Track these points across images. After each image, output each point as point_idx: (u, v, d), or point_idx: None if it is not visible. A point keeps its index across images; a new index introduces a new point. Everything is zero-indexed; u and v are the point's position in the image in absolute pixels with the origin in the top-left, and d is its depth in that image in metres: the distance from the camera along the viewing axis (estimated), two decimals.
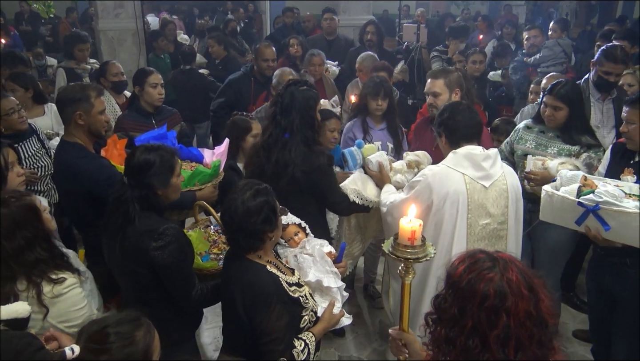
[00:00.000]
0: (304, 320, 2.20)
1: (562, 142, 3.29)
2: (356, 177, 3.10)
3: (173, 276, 2.28)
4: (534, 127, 3.44)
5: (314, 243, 2.49)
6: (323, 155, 2.93)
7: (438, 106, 3.31)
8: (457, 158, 2.62)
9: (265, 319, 2.03)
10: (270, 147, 2.86)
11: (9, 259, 2.00)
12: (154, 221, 2.28)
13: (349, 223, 3.29)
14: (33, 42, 9.96)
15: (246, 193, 2.10)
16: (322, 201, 2.99)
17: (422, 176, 2.67)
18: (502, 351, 1.35)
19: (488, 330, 1.36)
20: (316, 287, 2.35)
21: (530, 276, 1.41)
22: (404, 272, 1.84)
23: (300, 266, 2.38)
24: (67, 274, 2.13)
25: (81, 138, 2.90)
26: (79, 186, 2.83)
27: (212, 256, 2.64)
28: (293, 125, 2.82)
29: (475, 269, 1.40)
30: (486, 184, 2.59)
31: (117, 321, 1.59)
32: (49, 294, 2.05)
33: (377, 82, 3.74)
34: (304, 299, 2.20)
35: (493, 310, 1.35)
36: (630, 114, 2.77)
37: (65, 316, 2.11)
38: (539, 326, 1.38)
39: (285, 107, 2.84)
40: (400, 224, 1.82)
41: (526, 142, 3.42)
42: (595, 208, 2.52)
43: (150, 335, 1.62)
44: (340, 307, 2.37)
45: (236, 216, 2.07)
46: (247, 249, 2.14)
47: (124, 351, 1.53)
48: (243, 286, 2.09)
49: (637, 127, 2.74)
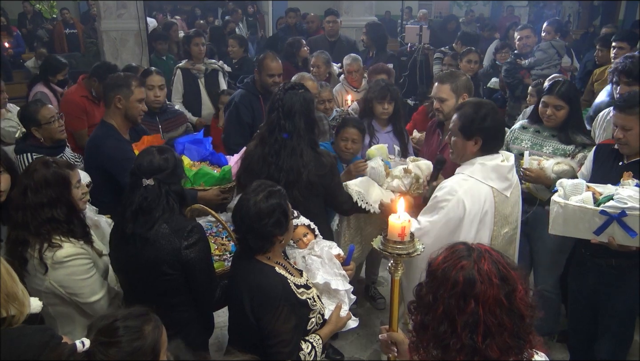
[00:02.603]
0: (311, 322, 2.20)
1: (558, 142, 3.28)
2: (363, 180, 3.08)
3: (202, 275, 2.28)
4: (530, 127, 3.43)
5: (323, 245, 2.47)
6: (330, 155, 2.93)
7: (444, 111, 3.29)
8: (485, 170, 2.48)
9: (273, 321, 2.02)
10: (277, 153, 2.78)
11: (28, 208, 2.26)
12: (180, 221, 2.27)
13: (348, 222, 3.28)
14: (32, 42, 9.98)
15: (259, 195, 2.09)
16: (330, 201, 2.97)
17: (450, 194, 2.46)
18: (470, 337, 1.39)
19: (457, 315, 1.40)
20: (324, 289, 2.34)
21: (505, 267, 1.44)
22: (393, 268, 1.85)
23: (309, 268, 2.37)
24: (73, 243, 2.31)
25: (117, 121, 3.20)
26: (97, 160, 3.13)
27: (215, 257, 2.64)
28: (299, 129, 2.76)
29: (451, 258, 1.46)
30: (508, 194, 2.54)
31: (125, 315, 1.61)
32: (49, 260, 2.25)
33: (383, 86, 3.69)
34: (311, 302, 2.19)
35: (462, 295, 1.40)
36: (626, 120, 2.71)
37: (65, 282, 2.30)
38: (511, 316, 1.40)
39: (287, 112, 2.76)
40: (389, 221, 1.83)
41: (522, 142, 3.42)
42: (621, 215, 2.44)
43: (158, 330, 1.64)
44: (347, 310, 2.37)
45: (247, 217, 2.07)
46: (256, 250, 2.13)
47: (133, 345, 1.56)
48: (251, 287, 2.08)
49: (634, 132, 2.70)
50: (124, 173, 2.84)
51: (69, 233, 2.32)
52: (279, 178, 2.70)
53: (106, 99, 3.21)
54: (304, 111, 2.77)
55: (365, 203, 3.01)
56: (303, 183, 2.74)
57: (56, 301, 2.36)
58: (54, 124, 3.40)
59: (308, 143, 2.79)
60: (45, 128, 3.37)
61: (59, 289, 2.30)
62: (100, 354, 1.51)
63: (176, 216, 2.28)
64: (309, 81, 3.87)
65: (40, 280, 2.28)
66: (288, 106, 2.76)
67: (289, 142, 2.76)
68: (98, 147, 3.15)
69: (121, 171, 2.94)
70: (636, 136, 2.71)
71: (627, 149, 2.78)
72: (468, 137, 2.51)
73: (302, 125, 2.76)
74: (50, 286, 2.28)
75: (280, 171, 2.74)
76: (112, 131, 3.18)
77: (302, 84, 2.97)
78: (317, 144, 2.89)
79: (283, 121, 2.76)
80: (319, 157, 2.81)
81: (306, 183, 2.75)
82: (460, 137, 2.54)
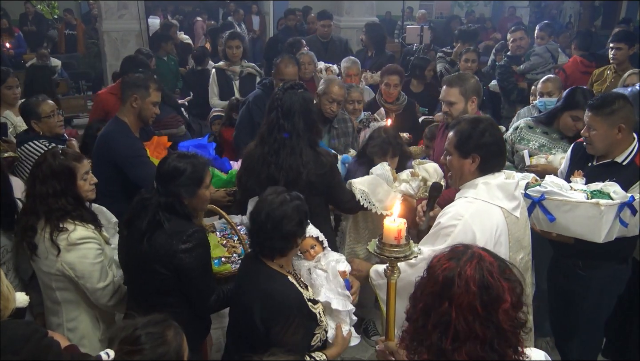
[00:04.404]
0: (316, 338, 2.16)
1: (568, 144, 3.23)
2: (369, 180, 3.04)
3: (196, 280, 2.27)
4: (536, 128, 3.39)
5: (330, 259, 2.41)
6: (329, 155, 2.92)
7: (453, 115, 3.17)
8: (491, 190, 2.24)
9: (283, 331, 2.00)
10: (277, 152, 2.78)
11: (36, 198, 2.36)
12: (182, 223, 2.27)
13: (355, 221, 3.26)
14: (39, 43, 9.98)
15: (281, 196, 2.12)
16: (332, 200, 2.97)
17: (455, 218, 2.20)
18: (439, 338, 1.40)
19: (432, 313, 1.42)
20: (325, 307, 2.28)
21: (493, 276, 1.40)
22: (389, 272, 1.84)
23: (313, 282, 2.32)
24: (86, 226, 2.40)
25: (130, 119, 3.27)
26: (108, 155, 3.18)
27: (223, 259, 2.66)
28: (298, 129, 2.77)
29: (444, 257, 1.48)
30: (518, 214, 2.30)
31: (145, 323, 1.62)
32: (63, 242, 2.33)
33: (383, 139, 3.27)
34: (319, 317, 2.17)
35: (438, 295, 1.42)
36: (592, 120, 2.72)
37: (76, 265, 2.37)
38: (486, 326, 1.37)
39: (287, 111, 2.77)
40: (385, 224, 1.80)
41: (529, 142, 3.38)
42: (540, 199, 2.52)
43: (180, 336, 1.66)
44: (349, 329, 2.33)
45: (272, 216, 2.07)
46: (279, 251, 2.12)
47: (158, 351, 1.57)
48: (263, 294, 2.05)
49: (598, 133, 2.71)
50: (134, 169, 3.14)
51: (78, 218, 2.40)
52: (279, 177, 2.71)
53: (123, 96, 3.31)
54: (303, 110, 2.78)
55: (369, 203, 2.98)
56: (303, 182, 2.74)
57: (65, 286, 2.43)
58: (53, 118, 3.55)
59: (307, 143, 2.80)
60: (45, 122, 3.53)
61: (70, 271, 2.36)
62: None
63: (181, 219, 2.28)
64: (335, 86, 3.75)
65: (51, 262, 2.36)
66: (287, 106, 2.77)
67: (289, 142, 2.77)
68: (110, 142, 3.23)
69: (131, 167, 3.14)
70: (600, 138, 2.71)
71: (592, 149, 2.80)
72: (465, 156, 2.27)
73: (302, 125, 2.77)
74: (62, 268, 2.36)
75: (279, 170, 2.75)
76: (124, 128, 3.26)
77: (302, 84, 2.97)
78: (317, 143, 2.88)
79: (282, 121, 2.77)
80: (318, 157, 2.81)
81: (306, 182, 2.75)
82: (457, 156, 2.31)
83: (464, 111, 3.16)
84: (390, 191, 3.06)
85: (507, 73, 5.60)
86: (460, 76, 3.33)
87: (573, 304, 2.89)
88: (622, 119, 2.66)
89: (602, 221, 2.47)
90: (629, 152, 2.72)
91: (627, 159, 2.72)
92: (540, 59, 5.74)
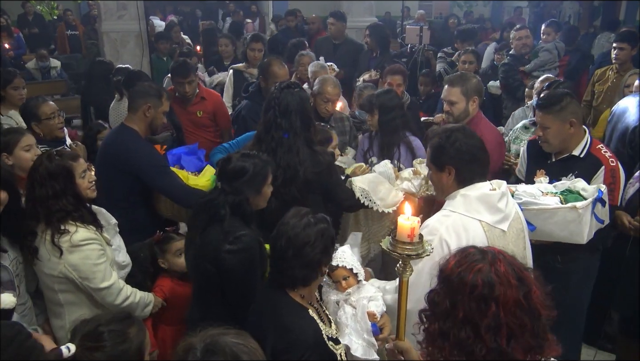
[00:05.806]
0: None
1: None
2: (370, 178, 3.05)
3: (236, 284, 2.21)
4: (531, 128, 3.44)
5: (363, 295, 2.19)
6: (327, 153, 2.94)
7: (454, 114, 3.18)
8: (469, 202, 2.16)
9: None
10: (274, 151, 2.79)
11: (36, 201, 2.36)
12: (237, 225, 2.24)
13: (356, 217, 3.26)
14: (41, 44, 9.93)
15: (304, 219, 1.94)
16: (331, 198, 2.97)
17: (431, 233, 2.13)
18: (494, 340, 1.37)
19: (479, 319, 1.38)
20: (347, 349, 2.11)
21: (519, 268, 1.44)
22: (402, 269, 1.83)
23: (339, 320, 2.14)
24: (88, 228, 2.40)
25: (140, 128, 3.20)
26: (125, 166, 3.10)
27: None
28: (295, 127, 2.80)
29: (465, 262, 1.44)
30: (504, 227, 2.19)
31: (109, 319, 1.65)
32: (65, 244, 2.33)
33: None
34: (339, 359, 2.00)
35: (482, 298, 1.38)
36: (544, 120, 2.81)
37: (79, 266, 2.36)
38: (531, 316, 1.40)
39: (284, 110, 2.80)
40: (398, 222, 1.79)
41: (521, 141, 3.43)
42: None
43: (142, 332, 1.67)
44: None
45: (295, 243, 1.89)
46: (301, 280, 1.93)
47: (119, 349, 1.58)
48: (280, 327, 1.88)
49: (552, 131, 2.79)
50: (160, 178, 3.10)
51: (79, 219, 2.40)
52: (277, 176, 2.72)
53: (134, 105, 3.22)
54: (299, 109, 2.82)
55: (369, 200, 2.99)
56: (300, 180, 2.77)
57: (67, 288, 2.43)
58: (53, 120, 3.51)
59: (304, 141, 2.83)
60: (45, 124, 3.49)
61: (73, 273, 2.37)
62: (86, 359, 1.53)
63: (238, 222, 2.25)
64: (329, 86, 3.75)
65: (54, 264, 2.36)
66: (284, 105, 2.81)
67: (285, 141, 2.80)
68: (126, 152, 3.12)
69: (157, 176, 3.09)
70: (555, 134, 2.81)
71: (548, 147, 2.89)
72: (440, 169, 2.23)
73: (298, 123, 2.81)
74: (64, 270, 2.36)
75: (277, 168, 2.77)
76: (137, 136, 3.18)
77: (298, 83, 3.00)
78: (314, 142, 2.91)
79: (279, 120, 2.81)
80: (315, 155, 2.84)
81: (303, 180, 2.78)
82: (434, 170, 2.28)
83: (465, 110, 3.17)
84: (392, 189, 3.08)
85: (511, 71, 5.54)
86: (462, 76, 3.33)
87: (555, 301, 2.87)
88: (571, 114, 2.78)
89: (582, 223, 2.55)
90: (583, 144, 2.85)
91: (584, 152, 2.84)
92: (549, 55, 5.73)
